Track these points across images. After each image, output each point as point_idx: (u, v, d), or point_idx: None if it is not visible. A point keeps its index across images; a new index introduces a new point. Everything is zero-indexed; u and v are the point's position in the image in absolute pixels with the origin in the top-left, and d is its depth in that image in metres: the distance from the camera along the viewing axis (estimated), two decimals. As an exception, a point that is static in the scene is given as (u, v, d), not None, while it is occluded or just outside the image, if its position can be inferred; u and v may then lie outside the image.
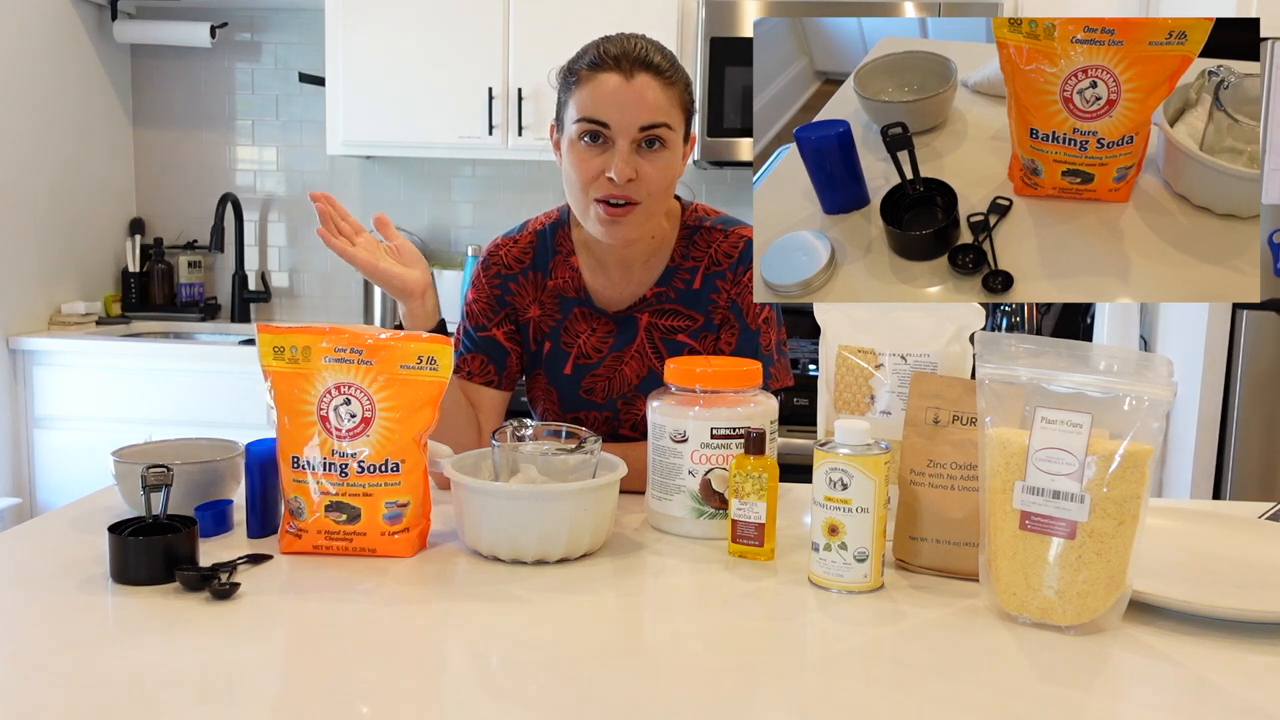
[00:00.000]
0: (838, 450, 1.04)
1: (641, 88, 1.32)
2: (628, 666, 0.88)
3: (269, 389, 1.13)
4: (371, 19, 3.05)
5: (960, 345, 1.21)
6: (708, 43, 2.90)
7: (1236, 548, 1.17)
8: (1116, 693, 0.86)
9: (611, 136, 1.33)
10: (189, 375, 2.91)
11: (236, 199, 3.49)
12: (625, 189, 1.34)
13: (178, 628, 0.92)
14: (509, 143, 3.06)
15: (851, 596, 1.04)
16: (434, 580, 1.07)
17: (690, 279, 1.49)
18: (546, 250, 1.52)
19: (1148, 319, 2.76)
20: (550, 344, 1.53)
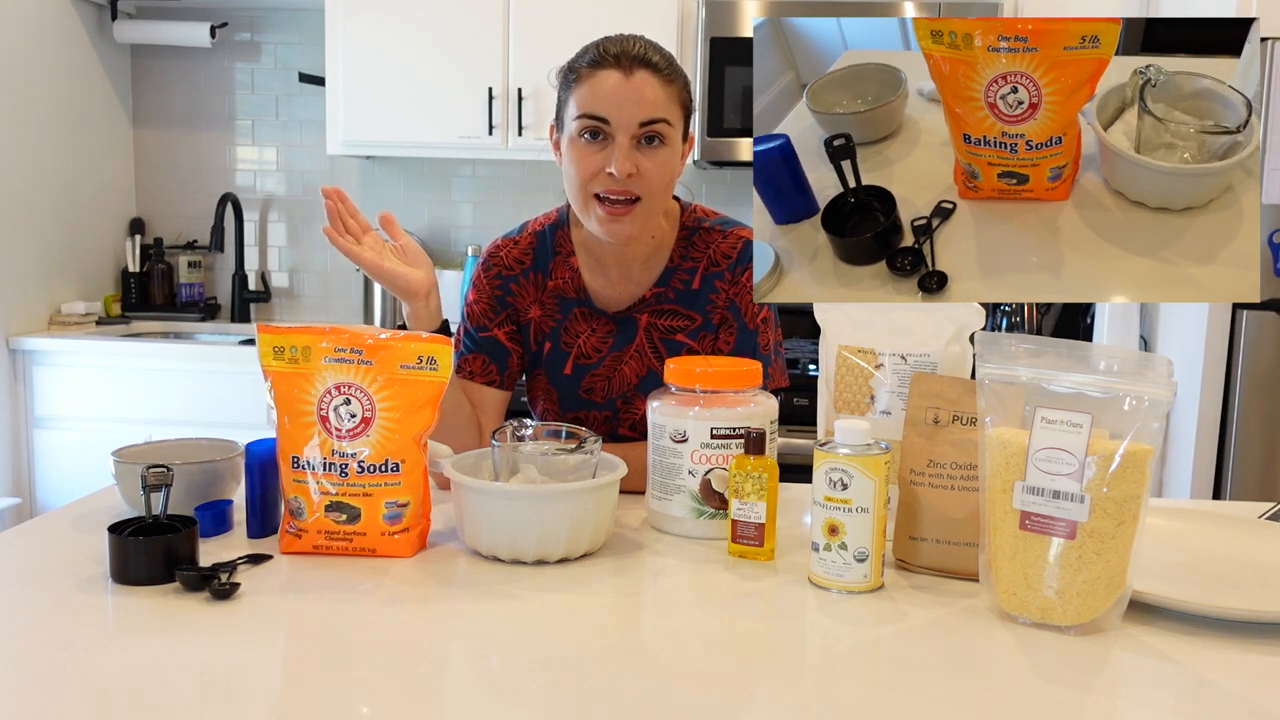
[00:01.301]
0: (838, 450, 1.04)
1: (641, 84, 1.33)
2: (628, 666, 0.88)
3: (269, 389, 1.13)
4: (371, 19, 3.05)
5: (960, 345, 1.21)
6: (708, 43, 2.90)
7: (1236, 548, 1.17)
8: (1116, 693, 0.86)
9: (611, 132, 1.34)
10: (189, 375, 2.91)
11: (236, 199, 3.49)
12: (625, 184, 1.34)
13: (178, 628, 0.92)
14: (509, 143, 3.06)
15: (851, 596, 1.04)
16: (434, 580, 1.07)
17: (689, 279, 1.49)
18: (546, 251, 1.52)
19: (1148, 319, 2.76)
20: (550, 344, 1.53)
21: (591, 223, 1.40)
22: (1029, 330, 2.92)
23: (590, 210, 1.38)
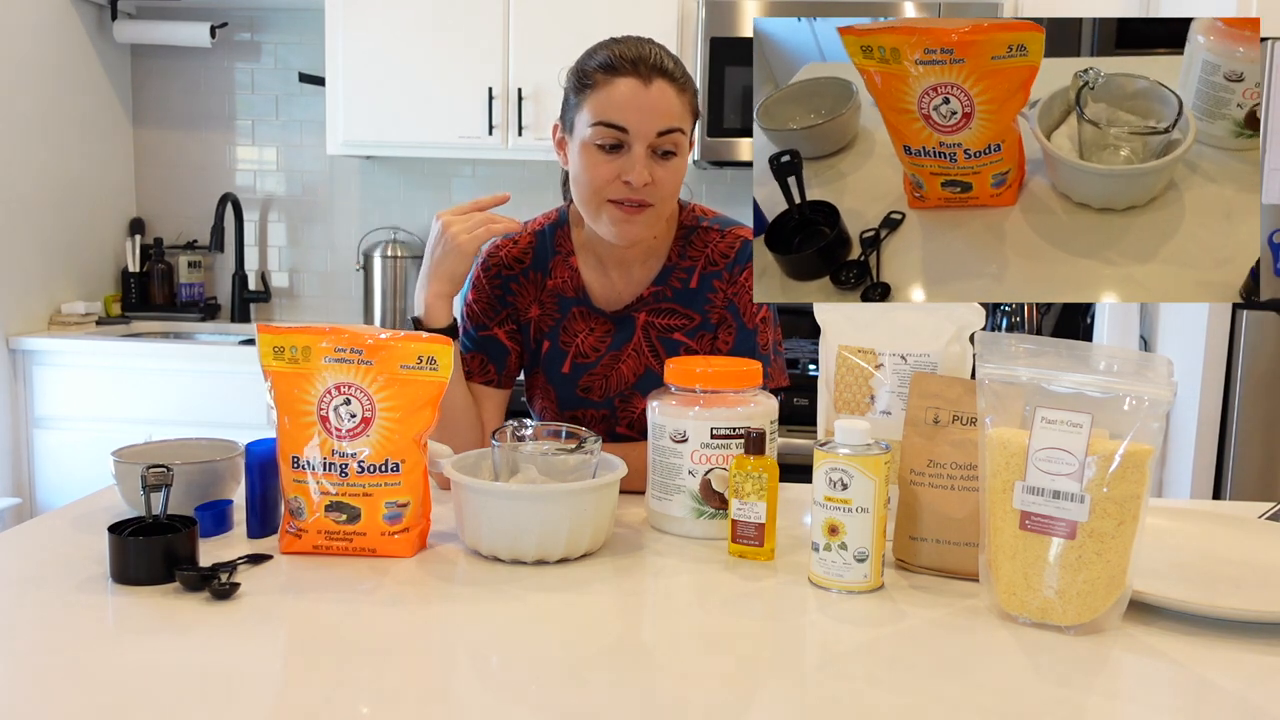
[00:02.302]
0: (838, 450, 1.04)
1: (658, 93, 1.33)
2: (628, 666, 0.88)
3: (269, 389, 1.13)
4: (371, 19, 3.05)
5: (960, 345, 1.21)
6: (708, 43, 2.90)
7: (1236, 548, 1.17)
8: (1116, 693, 0.86)
9: (629, 141, 1.34)
10: (189, 375, 2.91)
11: (236, 199, 3.49)
12: (641, 193, 1.35)
13: (178, 628, 0.92)
14: (509, 143, 3.06)
15: (851, 596, 1.04)
16: (434, 580, 1.07)
17: (687, 278, 1.49)
18: (546, 250, 1.52)
19: (1148, 319, 2.76)
20: (549, 343, 1.53)
21: (603, 226, 1.40)
22: (1029, 330, 2.92)
23: (602, 213, 1.38)
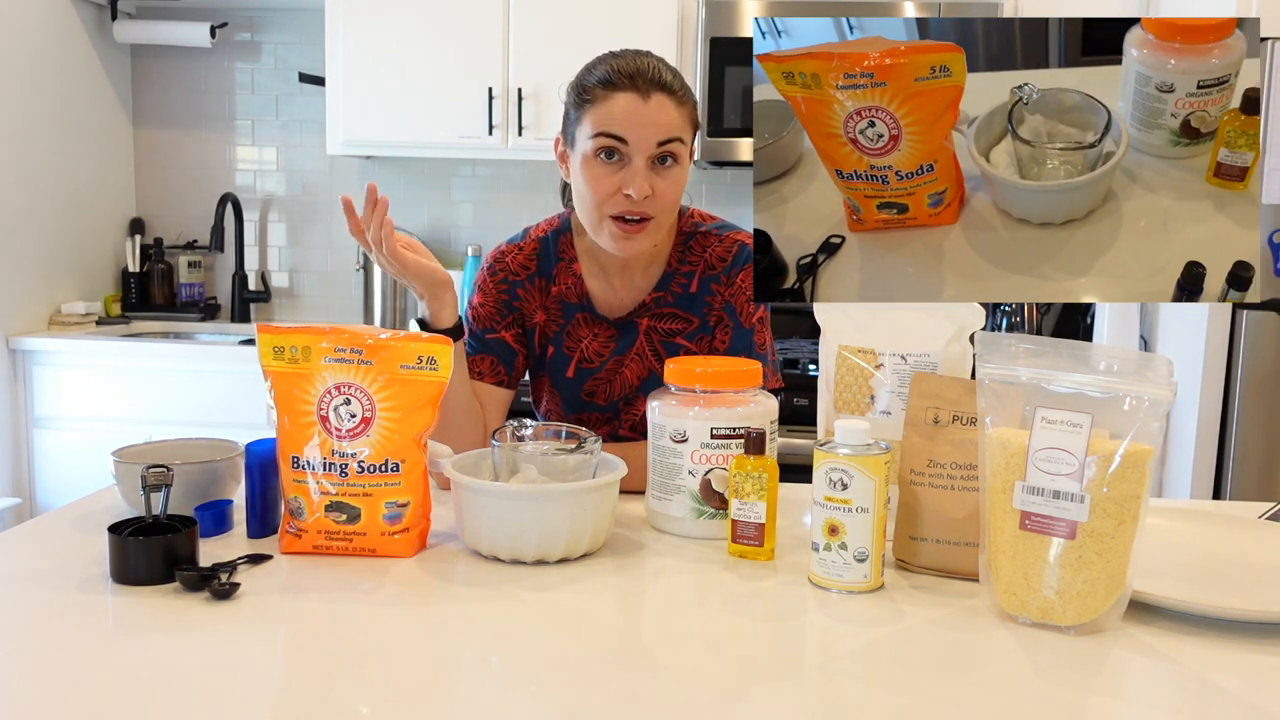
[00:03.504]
0: (838, 450, 1.04)
1: (658, 106, 1.34)
2: (628, 666, 0.88)
3: (269, 389, 1.13)
4: (371, 19, 3.05)
5: (960, 345, 1.21)
6: (708, 43, 2.90)
7: (1236, 548, 1.17)
8: (1116, 693, 0.86)
9: (628, 153, 1.34)
10: (189, 375, 2.91)
11: (236, 199, 3.49)
12: (642, 205, 1.35)
13: (178, 628, 0.92)
14: (509, 143, 3.05)
15: (851, 596, 1.04)
16: (434, 580, 1.07)
17: (687, 283, 1.50)
18: (550, 257, 1.53)
19: (1148, 320, 2.76)
20: (554, 348, 1.54)
21: (604, 239, 1.41)
22: (1029, 330, 2.92)
23: (604, 228, 1.39)
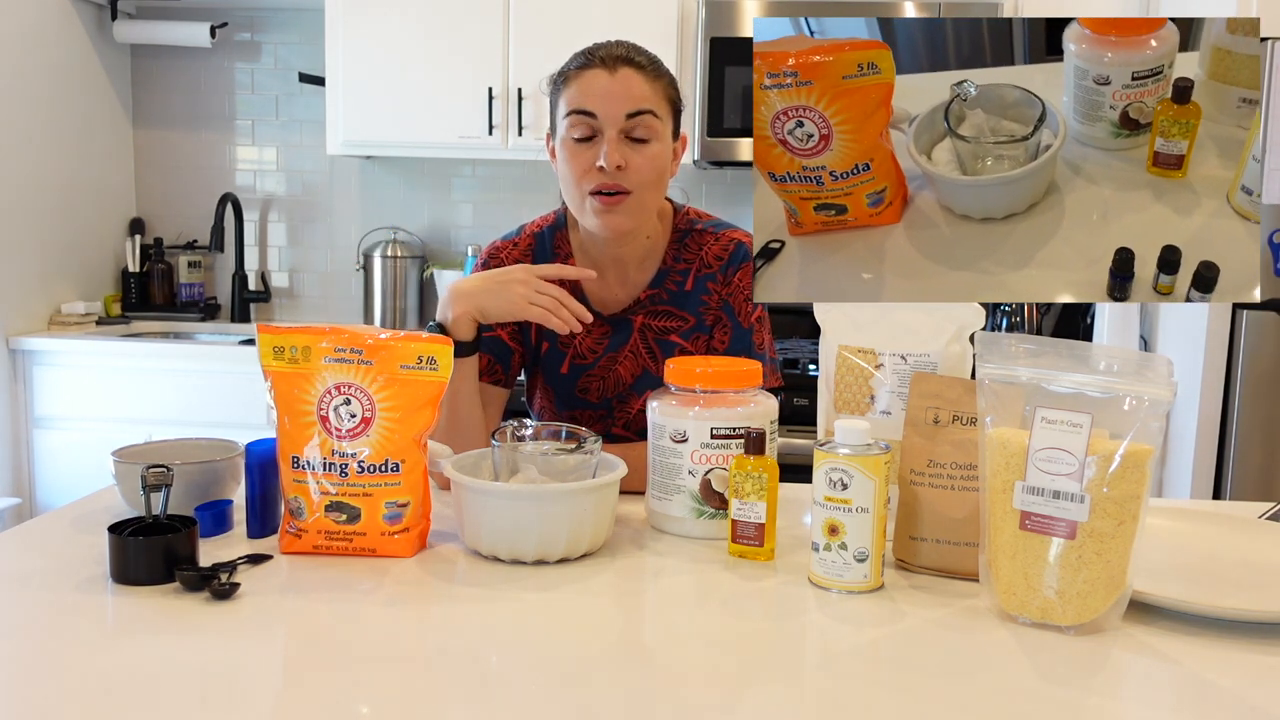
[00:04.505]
0: (838, 450, 1.04)
1: (625, 79, 1.37)
2: (628, 666, 0.88)
3: (269, 389, 1.13)
4: (371, 19, 3.05)
5: (960, 345, 1.21)
6: (707, 43, 2.90)
7: (1236, 548, 1.17)
8: (1116, 693, 0.86)
9: (600, 127, 1.37)
10: (189, 375, 2.91)
11: (236, 199, 3.49)
12: (615, 178, 1.37)
13: (178, 628, 0.92)
14: (509, 143, 3.06)
15: (851, 596, 1.04)
16: (434, 580, 1.07)
17: (682, 281, 1.50)
18: (545, 253, 1.53)
19: (1148, 319, 2.76)
20: (548, 344, 1.54)
21: (587, 217, 1.42)
22: (1029, 330, 2.92)
23: (585, 205, 1.41)
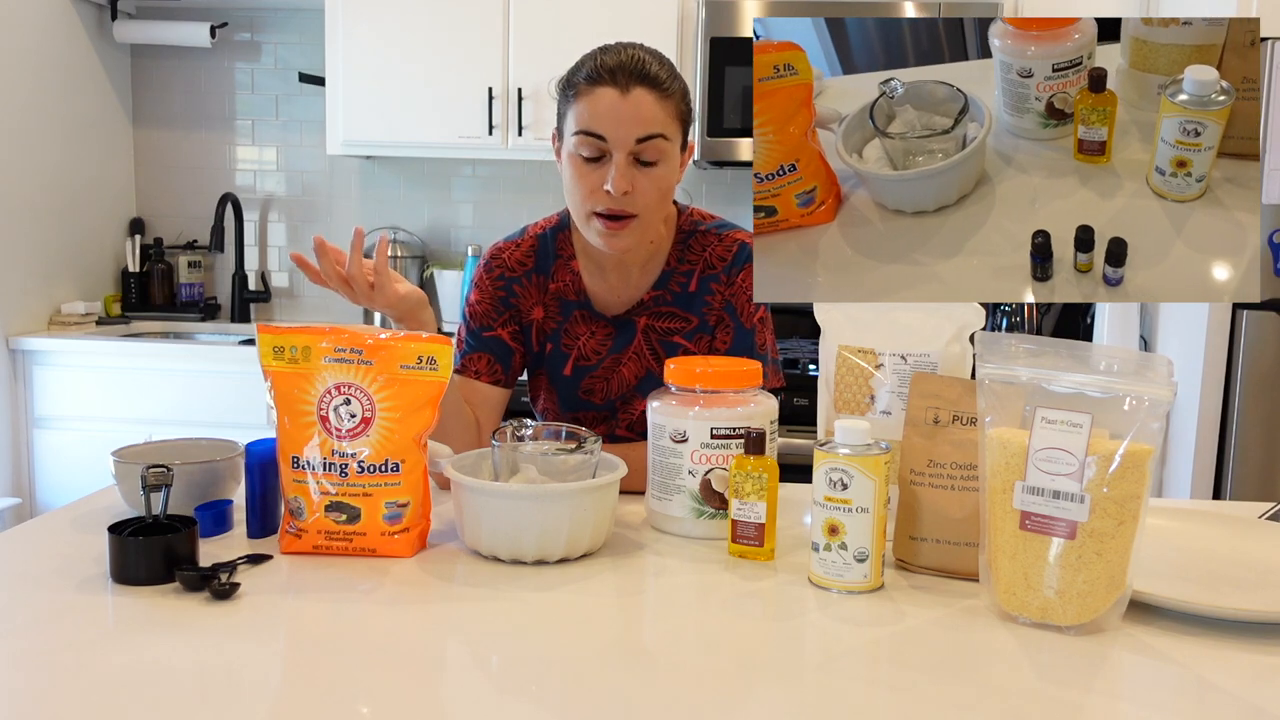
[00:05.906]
0: (838, 450, 1.04)
1: (637, 101, 1.33)
2: (628, 666, 0.88)
3: (269, 389, 1.13)
4: (371, 19, 3.05)
5: (960, 345, 1.21)
6: (708, 43, 2.90)
7: (1236, 548, 1.17)
8: (1116, 693, 0.86)
9: (608, 149, 1.34)
10: (189, 375, 2.91)
11: (236, 199, 3.49)
12: (622, 202, 1.35)
13: (178, 628, 0.92)
14: (509, 143, 3.05)
15: (851, 596, 1.04)
16: (434, 580, 1.07)
17: (686, 282, 1.50)
18: (548, 254, 1.53)
19: (1148, 319, 2.76)
20: (551, 345, 1.53)
21: (591, 235, 1.41)
22: (1029, 330, 2.92)
23: (590, 224, 1.40)
